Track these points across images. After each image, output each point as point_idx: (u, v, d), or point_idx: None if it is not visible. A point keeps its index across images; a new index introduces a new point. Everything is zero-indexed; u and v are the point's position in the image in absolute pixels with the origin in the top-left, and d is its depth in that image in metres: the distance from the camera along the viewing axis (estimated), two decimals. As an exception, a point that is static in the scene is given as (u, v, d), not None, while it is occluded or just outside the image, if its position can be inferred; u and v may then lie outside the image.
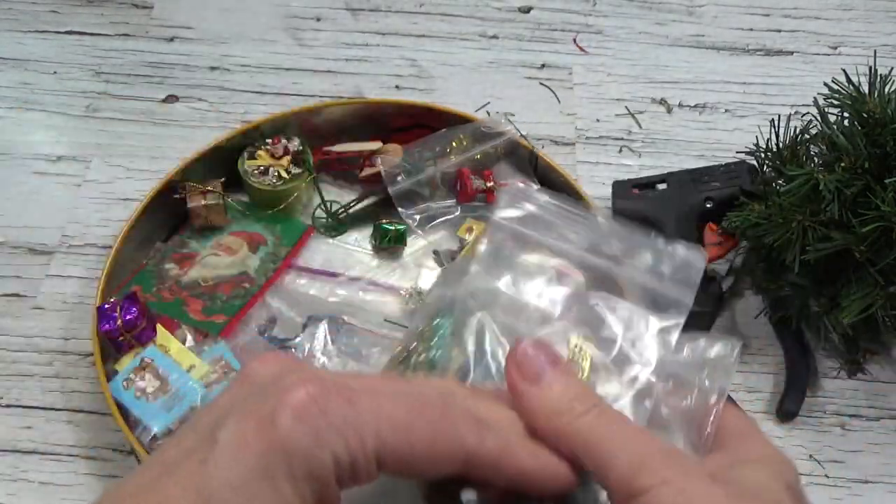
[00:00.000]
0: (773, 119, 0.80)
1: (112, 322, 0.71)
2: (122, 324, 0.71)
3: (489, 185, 0.87)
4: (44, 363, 0.78)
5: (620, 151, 0.98)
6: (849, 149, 0.71)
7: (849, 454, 0.78)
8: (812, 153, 0.78)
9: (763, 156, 0.82)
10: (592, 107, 1.02)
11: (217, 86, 1.00)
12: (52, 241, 0.86)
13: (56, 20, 1.05)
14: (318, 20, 1.08)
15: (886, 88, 0.73)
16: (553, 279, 0.36)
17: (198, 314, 0.77)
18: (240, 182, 0.86)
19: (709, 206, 0.85)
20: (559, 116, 1.01)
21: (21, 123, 0.96)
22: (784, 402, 0.78)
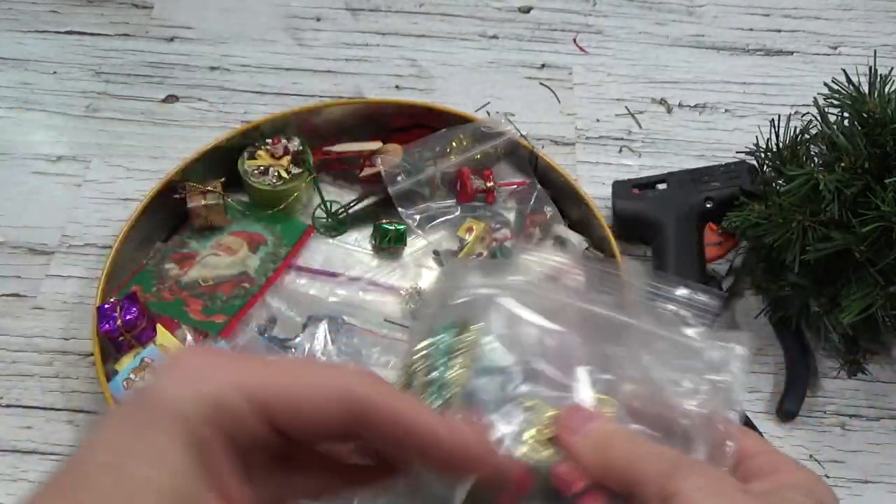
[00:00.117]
0: (773, 119, 0.80)
1: (112, 322, 0.71)
2: (122, 324, 0.71)
3: (489, 185, 0.87)
4: (44, 363, 0.78)
5: (620, 151, 0.98)
6: (849, 149, 0.71)
7: (849, 454, 0.78)
8: (812, 153, 0.78)
9: (763, 156, 0.82)
10: (592, 107, 1.02)
11: (217, 86, 1.00)
12: (52, 241, 0.86)
13: (56, 20, 1.05)
14: (318, 20, 1.08)
15: (886, 88, 0.73)
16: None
17: (198, 314, 0.77)
18: (240, 182, 0.86)
19: (709, 206, 0.85)
20: (559, 116, 1.01)
21: (21, 123, 0.96)
22: (784, 402, 0.78)
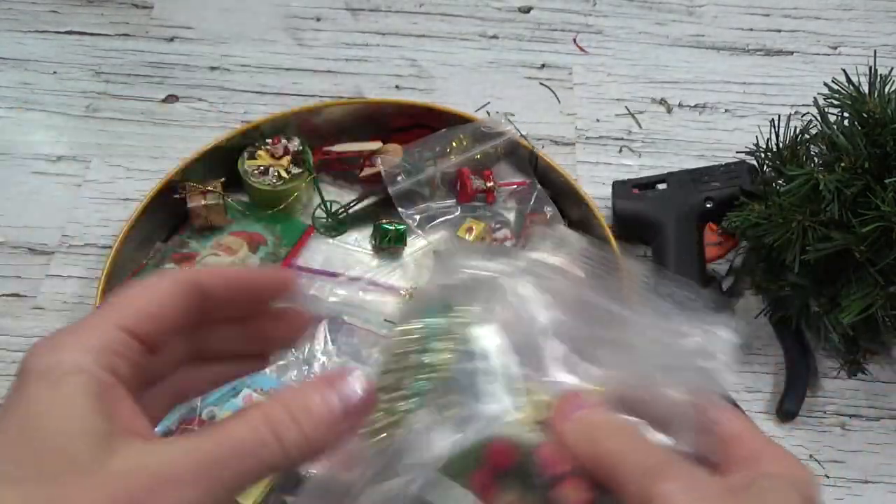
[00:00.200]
0: (773, 119, 0.80)
1: (112, 322, 0.71)
2: (122, 324, 0.71)
3: (489, 185, 0.87)
4: (44, 363, 0.78)
5: (620, 151, 0.98)
6: (849, 149, 0.71)
7: (849, 454, 0.78)
8: (812, 153, 0.78)
9: (763, 156, 0.82)
10: (592, 107, 1.02)
11: (217, 86, 1.00)
12: (52, 241, 0.86)
13: (56, 20, 1.05)
14: (318, 20, 1.08)
15: (886, 88, 0.73)
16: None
17: (198, 314, 0.77)
18: (240, 182, 0.86)
19: (709, 206, 0.85)
20: (559, 116, 1.01)
21: (21, 123, 0.96)
22: (784, 402, 0.78)
